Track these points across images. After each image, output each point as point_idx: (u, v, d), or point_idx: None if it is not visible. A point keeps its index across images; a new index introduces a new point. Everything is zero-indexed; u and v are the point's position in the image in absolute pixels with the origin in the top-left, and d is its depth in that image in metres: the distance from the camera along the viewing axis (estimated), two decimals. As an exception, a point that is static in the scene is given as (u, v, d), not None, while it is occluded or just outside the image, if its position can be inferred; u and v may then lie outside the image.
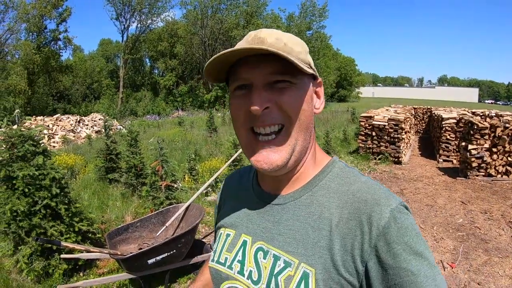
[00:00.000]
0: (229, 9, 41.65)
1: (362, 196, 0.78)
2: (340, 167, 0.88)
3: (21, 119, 4.22)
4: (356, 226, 0.75)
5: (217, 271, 0.93)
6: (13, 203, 3.68)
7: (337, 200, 0.80)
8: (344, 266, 0.74)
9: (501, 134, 8.26)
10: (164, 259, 3.57)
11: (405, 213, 0.75)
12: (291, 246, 0.80)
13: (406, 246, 0.71)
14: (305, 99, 0.81)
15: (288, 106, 0.78)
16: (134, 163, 6.67)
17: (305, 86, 0.82)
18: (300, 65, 0.74)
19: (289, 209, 0.85)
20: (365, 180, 0.82)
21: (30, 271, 3.75)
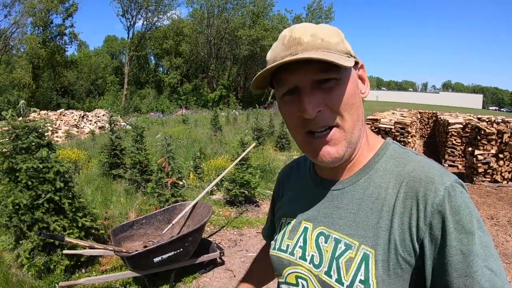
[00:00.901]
0: (235, 8, 41.71)
1: (417, 175, 0.78)
2: (394, 148, 0.88)
3: (26, 111, 4.14)
4: (412, 204, 0.76)
5: (279, 258, 0.95)
6: (15, 196, 3.60)
7: (393, 180, 0.81)
8: (402, 245, 0.75)
9: (508, 140, 8.20)
10: (170, 258, 3.49)
11: (460, 190, 0.74)
12: (351, 228, 0.82)
13: (458, 224, 0.71)
14: (353, 92, 0.81)
15: (339, 106, 0.79)
16: (139, 159, 6.60)
17: (350, 78, 0.81)
18: (341, 62, 0.73)
19: (348, 193, 0.86)
20: (419, 159, 0.83)
21: (31, 266, 3.66)
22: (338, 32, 0.81)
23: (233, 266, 4.40)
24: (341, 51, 0.79)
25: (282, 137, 12.71)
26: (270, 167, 8.67)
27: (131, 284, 3.80)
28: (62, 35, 40.34)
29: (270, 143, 12.82)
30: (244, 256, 4.68)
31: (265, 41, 39.25)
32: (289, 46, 0.78)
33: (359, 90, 0.84)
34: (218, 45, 43.06)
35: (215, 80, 44.14)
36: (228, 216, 5.98)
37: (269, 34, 40.09)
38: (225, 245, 4.95)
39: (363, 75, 0.87)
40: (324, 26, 0.81)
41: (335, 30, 0.81)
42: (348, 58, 0.78)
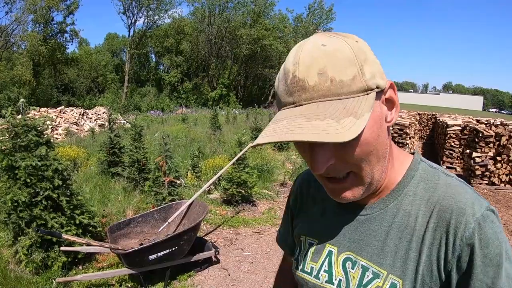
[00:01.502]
0: (236, 7, 41.69)
1: (448, 205, 0.75)
2: (423, 168, 0.82)
3: (26, 109, 4.18)
4: (442, 236, 0.74)
5: (304, 279, 0.92)
6: (14, 193, 3.65)
7: (423, 208, 0.77)
8: (429, 276, 0.74)
9: (506, 143, 8.23)
10: (165, 256, 3.54)
11: (490, 220, 0.72)
12: (379, 257, 0.80)
13: (486, 258, 0.70)
14: (373, 135, 0.70)
15: (354, 157, 0.71)
16: (137, 157, 6.64)
17: (375, 113, 0.71)
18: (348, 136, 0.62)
19: (376, 219, 0.82)
20: (449, 183, 0.78)
21: (29, 263, 3.71)
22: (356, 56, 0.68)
23: (228, 264, 4.45)
24: (357, 90, 0.67)
25: (281, 136, 12.74)
26: (268, 167, 8.70)
27: (127, 281, 3.85)
28: (63, 32, 40.35)
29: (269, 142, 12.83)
30: (240, 255, 4.73)
31: (266, 41, 39.28)
32: (292, 91, 0.68)
33: (384, 121, 0.73)
34: (218, 44, 43.04)
35: (215, 79, 44.14)
36: (225, 215, 6.02)
37: (270, 33, 40.11)
38: (220, 244, 5.00)
39: (392, 97, 0.75)
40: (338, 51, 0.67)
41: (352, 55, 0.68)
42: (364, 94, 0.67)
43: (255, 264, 4.49)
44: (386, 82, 0.72)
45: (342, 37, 0.71)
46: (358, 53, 0.69)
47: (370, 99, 0.68)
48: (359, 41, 0.72)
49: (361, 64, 0.68)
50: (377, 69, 0.71)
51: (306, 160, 0.77)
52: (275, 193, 7.44)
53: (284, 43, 41.00)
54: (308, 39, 0.72)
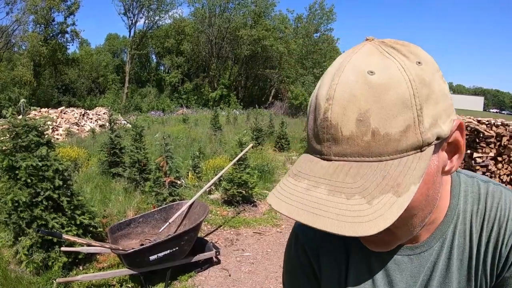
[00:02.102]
0: (237, 8, 41.64)
1: (493, 214, 0.68)
2: (464, 181, 0.73)
3: (26, 109, 4.18)
4: (495, 248, 0.67)
5: None
6: (15, 194, 3.65)
7: (474, 222, 0.70)
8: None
9: (506, 143, 8.20)
10: (166, 256, 3.53)
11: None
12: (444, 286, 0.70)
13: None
14: (420, 196, 0.55)
15: (399, 229, 0.60)
16: (138, 158, 6.63)
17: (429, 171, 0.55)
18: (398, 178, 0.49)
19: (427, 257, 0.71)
20: (490, 191, 0.70)
21: (30, 263, 3.71)
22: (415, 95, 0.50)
23: (228, 265, 4.44)
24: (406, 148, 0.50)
25: (282, 137, 12.75)
26: (269, 168, 8.70)
27: (128, 282, 3.85)
28: (64, 33, 40.34)
29: (270, 143, 12.86)
30: (240, 256, 4.73)
31: (267, 41, 39.25)
32: (321, 138, 0.53)
33: (440, 171, 0.60)
34: (219, 44, 43.02)
35: (216, 79, 44.11)
36: (225, 216, 6.02)
37: (271, 34, 40.08)
38: (221, 245, 4.99)
39: (458, 141, 0.58)
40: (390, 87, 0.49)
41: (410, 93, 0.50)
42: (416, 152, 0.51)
43: (256, 265, 4.49)
44: (453, 122, 0.56)
45: (400, 57, 0.52)
46: (420, 87, 0.50)
47: (424, 161, 0.51)
48: (423, 63, 0.53)
49: (420, 106, 0.50)
50: (442, 108, 0.53)
51: None
52: (276, 194, 7.41)
53: (284, 43, 40.95)
54: (351, 56, 0.54)
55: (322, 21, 39.47)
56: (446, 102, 0.54)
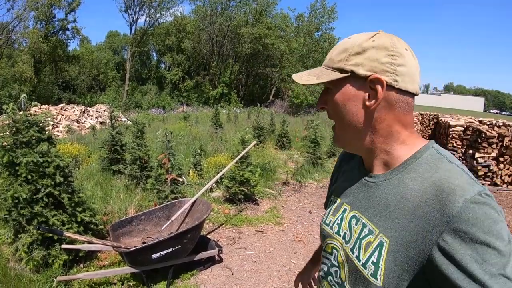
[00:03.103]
0: (238, 6, 41.54)
1: (442, 185, 0.82)
2: (431, 153, 0.92)
3: (27, 105, 4.13)
4: (431, 212, 0.81)
5: (323, 229, 1.17)
6: (15, 190, 3.59)
7: (420, 184, 0.87)
8: (413, 246, 0.83)
9: (508, 143, 8.18)
10: (168, 254, 3.49)
11: (481, 203, 0.76)
12: (376, 218, 0.95)
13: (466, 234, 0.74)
14: (339, 102, 0.97)
15: (331, 109, 1.01)
16: (139, 155, 6.59)
17: (340, 91, 0.96)
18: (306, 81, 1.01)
19: (380, 187, 0.97)
20: (449, 168, 0.86)
21: (30, 260, 3.66)
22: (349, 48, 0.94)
23: (231, 264, 4.39)
24: (335, 67, 0.96)
25: (283, 135, 12.70)
26: (270, 166, 8.66)
27: (129, 280, 3.80)
28: (65, 29, 40.29)
29: (271, 141, 12.81)
30: (243, 254, 4.68)
31: (268, 39, 39.15)
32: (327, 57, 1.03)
33: (361, 102, 0.94)
34: (220, 42, 42.93)
35: (216, 77, 44.05)
36: (227, 214, 5.97)
37: (272, 32, 39.97)
38: (223, 243, 4.95)
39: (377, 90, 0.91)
40: (345, 42, 0.97)
41: (349, 46, 0.94)
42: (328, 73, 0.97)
43: (258, 263, 4.44)
44: (372, 75, 0.91)
45: (368, 35, 0.95)
46: (354, 47, 0.93)
47: (334, 75, 0.96)
48: (376, 40, 0.92)
49: (352, 53, 0.93)
50: (369, 64, 0.91)
51: None
52: (278, 192, 7.39)
53: (285, 42, 40.88)
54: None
55: (324, 20, 39.44)
56: (372, 64, 0.91)
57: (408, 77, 0.92)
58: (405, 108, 0.94)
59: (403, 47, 0.94)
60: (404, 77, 0.91)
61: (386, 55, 0.90)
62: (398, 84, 0.91)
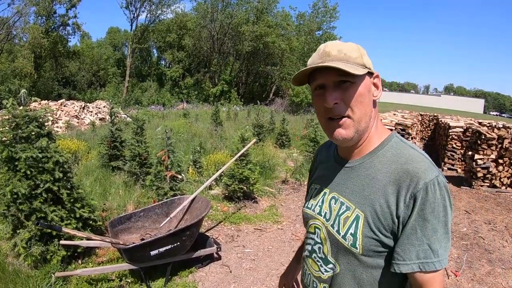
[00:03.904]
0: (239, 4, 41.43)
1: (406, 167, 1.06)
2: (396, 141, 1.16)
3: (27, 101, 4.12)
4: (399, 189, 1.05)
5: (306, 213, 1.35)
6: (14, 185, 3.59)
7: (388, 166, 1.10)
8: (383, 217, 1.06)
9: (508, 146, 8.17)
10: (167, 251, 3.48)
11: (436, 186, 1.01)
12: (352, 196, 1.16)
13: (422, 211, 1.01)
14: (363, 93, 1.10)
15: (351, 101, 1.09)
16: (138, 151, 6.58)
17: (362, 83, 1.10)
18: (352, 70, 1.04)
19: (355, 171, 1.18)
20: (412, 153, 1.09)
21: (28, 256, 3.65)
22: (359, 49, 1.12)
23: (229, 261, 4.40)
24: (357, 63, 1.09)
25: (283, 134, 12.69)
26: (270, 164, 8.66)
27: (127, 277, 3.80)
28: (65, 25, 40.16)
29: (270, 140, 12.81)
30: (241, 252, 4.68)
31: (269, 38, 39.07)
32: (321, 56, 1.11)
33: (371, 93, 1.14)
34: (221, 40, 42.83)
35: (217, 75, 43.97)
36: (226, 212, 5.97)
37: (273, 30, 39.89)
38: (222, 240, 4.95)
39: (378, 83, 1.16)
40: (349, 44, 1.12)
41: (357, 48, 1.12)
42: (359, 68, 1.07)
43: (257, 262, 4.44)
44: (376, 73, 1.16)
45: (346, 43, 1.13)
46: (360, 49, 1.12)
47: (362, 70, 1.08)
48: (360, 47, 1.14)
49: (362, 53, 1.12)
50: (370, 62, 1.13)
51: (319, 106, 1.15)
52: (277, 191, 7.40)
53: (286, 40, 40.81)
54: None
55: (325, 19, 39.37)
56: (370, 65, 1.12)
57: None
58: None
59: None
60: None
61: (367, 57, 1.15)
62: None
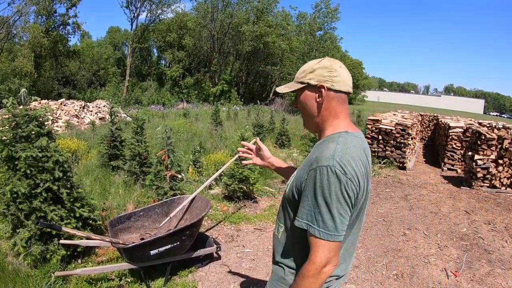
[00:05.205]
0: (239, 3, 41.38)
1: (317, 154, 1.44)
2: (334, 136, 1.52)
3: (27, 100, 4.12)
4: (308, 166, 1.45)
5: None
6: (13, 184, 3.58)
7: (314, 151, 1.53)
8: (300, 180, 1.49)
9: (508, 146, 8.17)
10: (167, 251, 3.48)
11: (324, 171, 1.35)
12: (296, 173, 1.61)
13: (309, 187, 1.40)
14: (302, 101, 1.61)
15: (300, 106, 1.64)
16: (138, 151, 6.58)
17: (302, 94, 1.61)
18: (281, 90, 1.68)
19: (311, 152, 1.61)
20: (330, 146, 1.44)
21: (28, 255, 3.65)
22: (310, 67, 1.57)
23: (229, 261, 4.40)
24: (298, 81, 1.60)
25: (283, 134, 12.70)
26: (270, 164, 8.63)
27: (127, 276, 3.80)
28: (65, 24, 40.13)
29: (270, 139, 12.81)
30: (241, 252, 4.68)
31: (269, 38, 39.06)
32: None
33: (314, 100, 1.57)
34: (221, 40, 42.80)
35: (217, 74, 43.95)
36: (226, 211, 5.97)
37: (273, 30, 39.88)
38: (222, 240, 4.95)
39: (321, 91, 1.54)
40: (307, 64, 1.61)
41: (309, 67, 1.58)
42: (295, 85, 1.62)
43: (256, 261, 4.44)
44: (319, 84, 1.52)
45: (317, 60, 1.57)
46: (308, 69, 1.56)
47: (296, 85, 1.60)
48: (321, 62, 1.55)
49: (308, 71, 1.56)
50: (317, 76, 1.53)
51: None
52: (277, 190, 7.40)
53: (287, 40, 40.78)
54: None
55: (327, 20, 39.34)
56: (319, 77, 1.52)
57: (341, 82, 1.52)
58: (340, 101, 1.56)
59: (338, 65, 1.54)
60: (339, 83, 1.52)
61: (327, 71, 1.52)
62: (335, 87, 1.52)
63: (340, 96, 1.54)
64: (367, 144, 1.61)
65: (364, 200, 1.50)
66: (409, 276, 4.24)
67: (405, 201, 7.22)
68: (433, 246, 5.10)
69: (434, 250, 4.98)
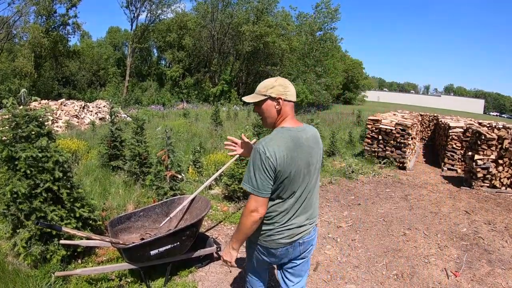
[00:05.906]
0: (239, 4, 41.44)
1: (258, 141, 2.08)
2: (275, 131, 2.17)
3: (27, 100, 4.12)
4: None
5: None
6: (13, 185, 3.58)
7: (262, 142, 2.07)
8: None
9: (508, 146, 8.15)
10: (167, 251, 3.48)
11: (255, 150, 2.04)
12: None
13: (249, 162, 2.10)
14: (264, 109, 2.21)
15: (261, 112, 2.25)
16: (138, 151, 6.58)
17: (263, 105, 2.20)
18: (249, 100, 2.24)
19: None
20: (267, 137, 2.07)
21: (28, 256, 3.65)
22: (271, 83, 2.18)
23: (229, 261, 4.39)
24: (262, 94, 2.19)
25: (282, 134, 12.67)
26: (270, 164, 8.63)
27: (127, 276, 3.80)
28: (65, 25, 40.20)
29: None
30: (241, 252, 4.68)
31: (269, 38, 39.09)
32: None
33: (273, 107, 2.19)
34: (221, 40, 42.85)
35: (217, 75, 44.01)
36: (226, 211, 5.97)
37: (273, 30, 39.91)
38: (222, 240, 4.95)
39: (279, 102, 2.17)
40: (265, 82, 2.23)
41: (270, 83, 2.19)
42: (259, 96, 2.20)
43: (256, 262, 4.43)
44: (278, 97, 2.16)
45: (274, 79, 2.22)
46: (268, 85, 2.18)
47: (260, 97, 2.20)
48: (277, 81, 2.20)
49: (268, 88, 2.18)
50: (276, 91, 2.16)
51: None
52: (277, 191, 7.38)
53: (287, 40, 40.82)
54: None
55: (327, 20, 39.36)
56: (277, 92, 2.17)
57: (290, 95, 2.18)
58: (289, 107, 2.21)
59: (288, 83, 2.20)
60: (290, 95, 2.18)
61: (282, 88, 2.16)
62: (287, 98, 2.17)
63: (290, 104, 2.21)
64: (306, 135, 2.18)
65: (295, 172, 2.07)
66: (409, 276, 4.24)
67: (405, 201, 7.21)
68: (433, 246, 5.10)
69: (434, 250, 4.97)
